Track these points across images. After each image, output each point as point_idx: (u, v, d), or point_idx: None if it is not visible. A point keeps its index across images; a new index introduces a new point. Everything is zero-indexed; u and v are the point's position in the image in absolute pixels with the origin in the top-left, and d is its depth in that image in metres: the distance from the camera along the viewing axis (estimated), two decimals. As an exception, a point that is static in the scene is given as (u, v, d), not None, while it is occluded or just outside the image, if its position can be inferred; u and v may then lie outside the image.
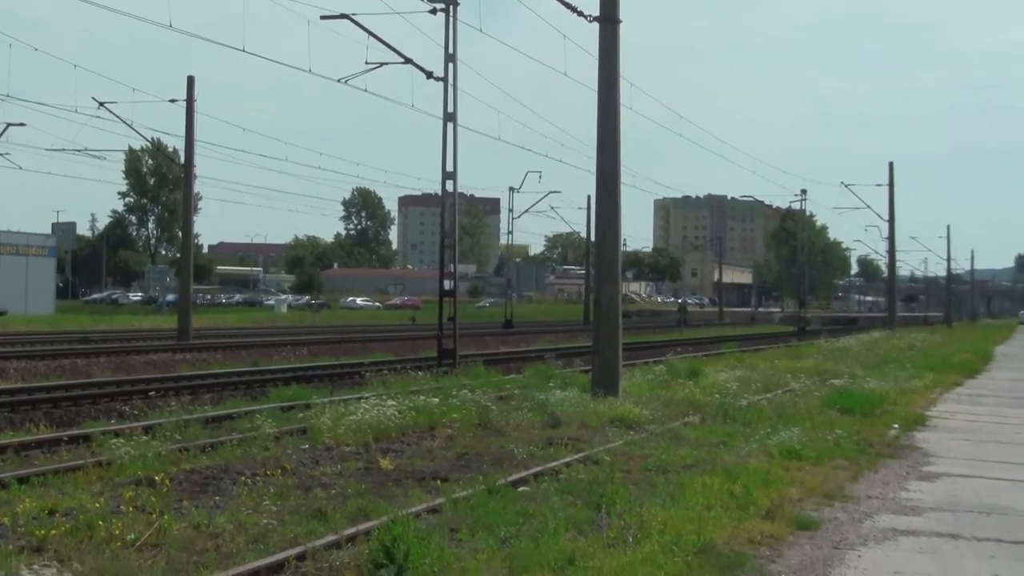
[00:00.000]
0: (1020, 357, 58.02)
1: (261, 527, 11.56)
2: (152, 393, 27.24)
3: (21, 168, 79.43)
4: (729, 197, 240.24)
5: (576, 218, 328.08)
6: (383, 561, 10.00)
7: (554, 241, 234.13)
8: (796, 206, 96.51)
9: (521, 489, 14.00)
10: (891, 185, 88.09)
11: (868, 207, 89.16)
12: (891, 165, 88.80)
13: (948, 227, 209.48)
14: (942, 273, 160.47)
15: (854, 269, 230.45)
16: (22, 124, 60.37)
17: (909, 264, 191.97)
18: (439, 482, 14.58)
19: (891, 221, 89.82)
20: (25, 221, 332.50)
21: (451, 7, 36.75)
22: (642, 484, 14.42)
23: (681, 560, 10.30)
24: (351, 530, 11.18)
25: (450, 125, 36.90)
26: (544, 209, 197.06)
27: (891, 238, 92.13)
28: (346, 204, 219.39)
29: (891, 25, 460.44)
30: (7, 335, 55.14)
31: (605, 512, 12.21)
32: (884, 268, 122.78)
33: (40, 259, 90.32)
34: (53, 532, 11.03)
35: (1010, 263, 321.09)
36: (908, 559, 11.49)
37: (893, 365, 39.04)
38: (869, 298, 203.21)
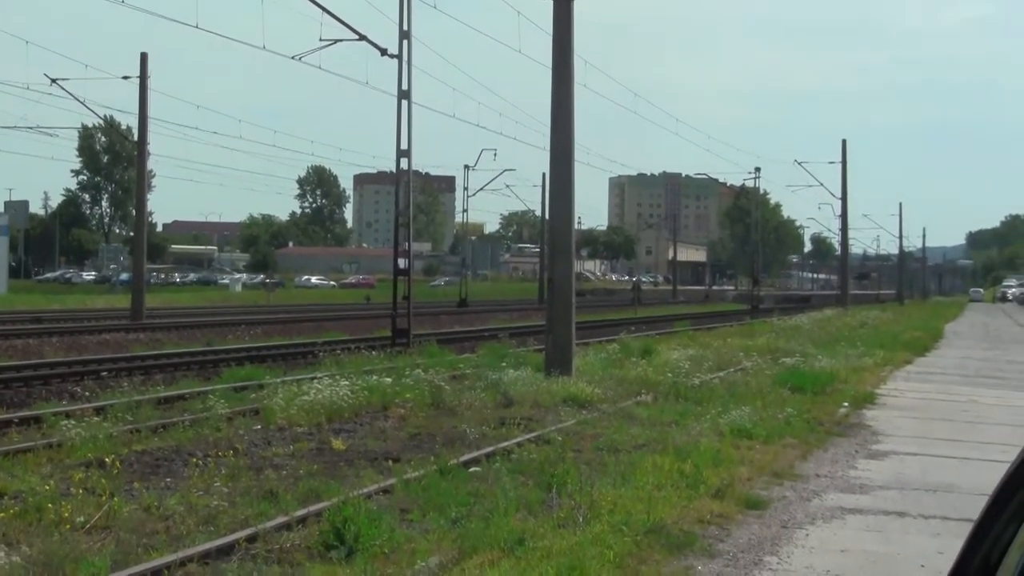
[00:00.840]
0: (969, 335, 58.52)
1: (212, 509, 11.56)
2: (104, 373, 27.11)
3: (-29, 146, 79.24)
4: (684, 175, 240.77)
5: (531, 196, 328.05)
6: (334, 543, 10.04)
7: (509, 219, 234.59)
8: (750, 184, 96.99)
9: (473, 469, 14.05)
10: (844, 163, 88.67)
11: (821, 185, 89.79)
12: (844, 143, 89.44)
13: (900, 205, 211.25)
14: (894, 251, 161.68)
15: (807, 247, 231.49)
16: (-28, 101, 59.72)
17: (862, 242, 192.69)
18: (391, 463, 14.64)
19: (843, 199, 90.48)
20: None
21: (405, -16, 36.64)
22: (593, 464, 14.50)
23: (631, 540, 10.37)
24: (302, 512, 11.20)
25: (404, 102, 36.85)
26: (499, 187, 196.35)
27: (843, 216, 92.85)
28: (301, 182, 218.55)
29: (838, 3, 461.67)
30: (-42, 315, 54.70)
31: (556, 492, 12.27)
32: (837, 246, 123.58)
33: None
34: (1, 515, 10.99)
35: (961, 240, 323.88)
36: (855, 537, 11.59)
37: (844, 343, 39.30)
38: (819, 276, 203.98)
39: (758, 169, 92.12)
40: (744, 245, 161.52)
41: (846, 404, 22.74)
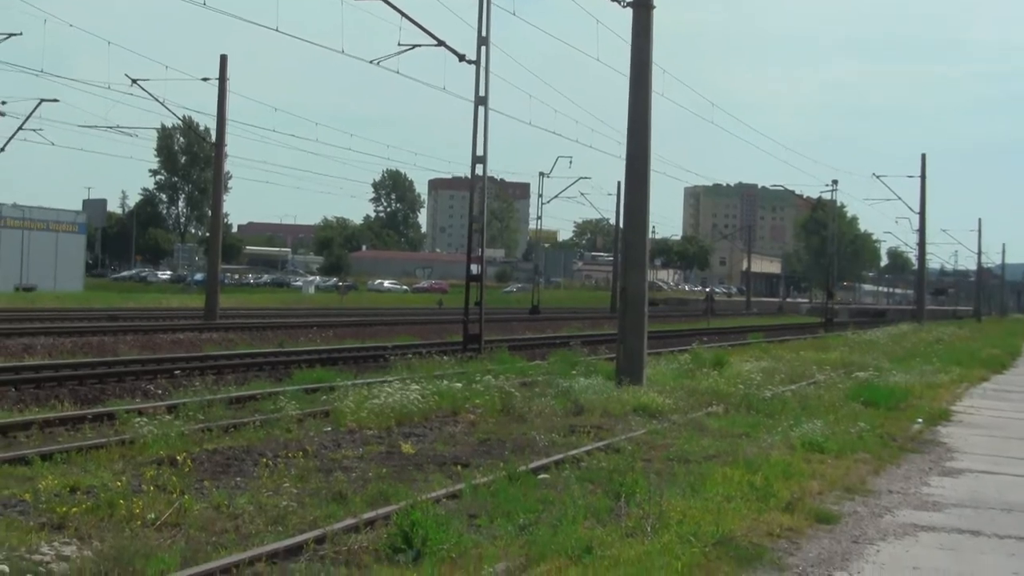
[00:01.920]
0: (1048, 353, 57.66)
1: (281, 509, 11.60)
2: (177, 372, 27.33)
3: (53, 144, 79.96)
4: (760, 186, 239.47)
5: (605, 204, 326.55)
6: (401, 546, 10.03)
7: (583, 227, 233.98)
8: (827, 196, 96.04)
9: (542, 476, 14.01)
10: (923, 177, 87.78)
11: (899, 199, 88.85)
12: (923, 157, 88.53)
13: (979, 220, 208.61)
14: (972, 267, 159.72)
15: (884, 261, 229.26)
16: (55, 100, 61.00)
17: (939, 257, 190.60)
18: (460, 467, 14.62)
19: (922, 213, 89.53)
20: (56, 197, 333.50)
21: (485, -10, 36.67)
22: (663, 474, 14.42)
23: (699, 551, 10.29)
24: (370, 514, 11.20)
25: (481, 108, 36.86)
26: (574, 195, 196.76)
27: (921, 230, 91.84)
28: (376, 186, 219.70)
29: (914, 17, 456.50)
30: (36, 311, 55.47)
31: (624, 501, 12.20)
32: (914, 260, 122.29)
33: (70, 235, 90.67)
34: (74, 510, 11.09)
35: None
36: (927, 555, 11.44)
37: (920, 359, 38.88)
38: (895, 290, 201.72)
39: (835, 181, 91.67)
40: (819, 258, 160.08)
41: (920, 420, 22.47)
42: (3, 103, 61.05)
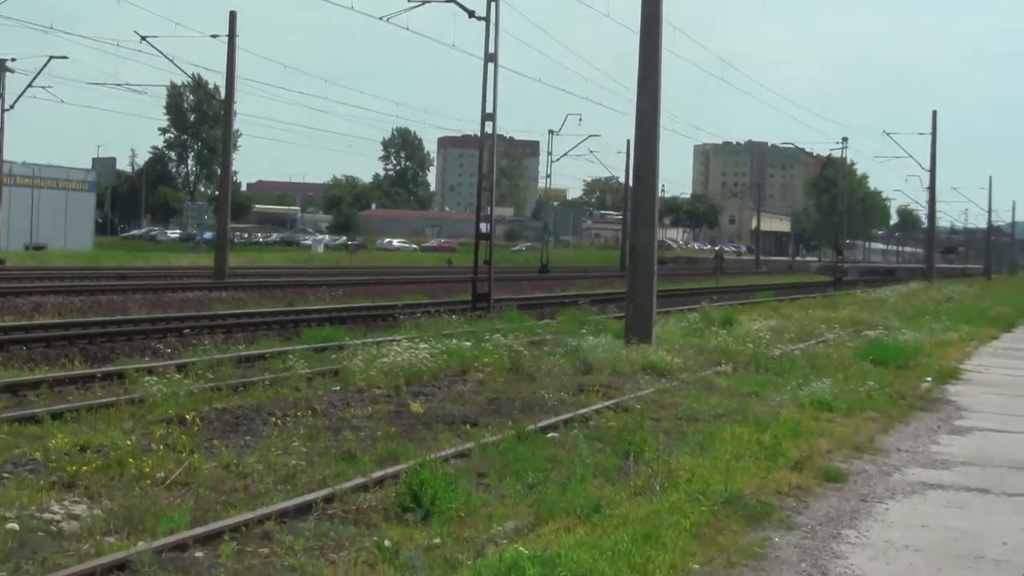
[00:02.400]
0: (1058, 311, 57.56)
1: (290, 468, 11.64)
2: (186, 331, 27.37)
3: (63, 102, 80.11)
4: (769, 144, 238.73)
5: (615, 162, 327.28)
6: (410, 505, 10.05)
7: (592, 185, 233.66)
8: (837, 154, 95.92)
9: (550, 435, 14.03)
10: (934, 134, 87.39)
11: (910, 156, 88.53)
12: (934, 114, 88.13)
13: (990, 178, 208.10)
14: (983, 225, 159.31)
15: (894, 219, 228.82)
16: (64, 57, 60.88)
17: (949, 215, 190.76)
18: (469, 427, 14.64)
19: (932, 171, 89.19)
20: (66, 155, 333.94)
21: (494, -54, 36.50)
22: (672, 432, 14.43)
23: (708, 509, 10.30)
24: (379, 473, 11.23)
25: (491, 66, 36.74)
26: (583, 153, 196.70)
27: (932, 188, 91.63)
28: (385, 144, 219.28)
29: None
30: (45, 269, 55.55)
31: (633, 460, 12.21)
32: (924, 219, 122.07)
33: (80, 194, 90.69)
34: (84, 468, 11.12)
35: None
36: (936, 513, 11.45)
37: (929, 317, 38.79)
38: (895, 247, 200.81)
39: (845, 139, 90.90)
40: (829, 216, 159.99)
41: (929, 379, 22.46)
42: (12, 60, 60.84)
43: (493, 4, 36.76)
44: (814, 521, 10.81)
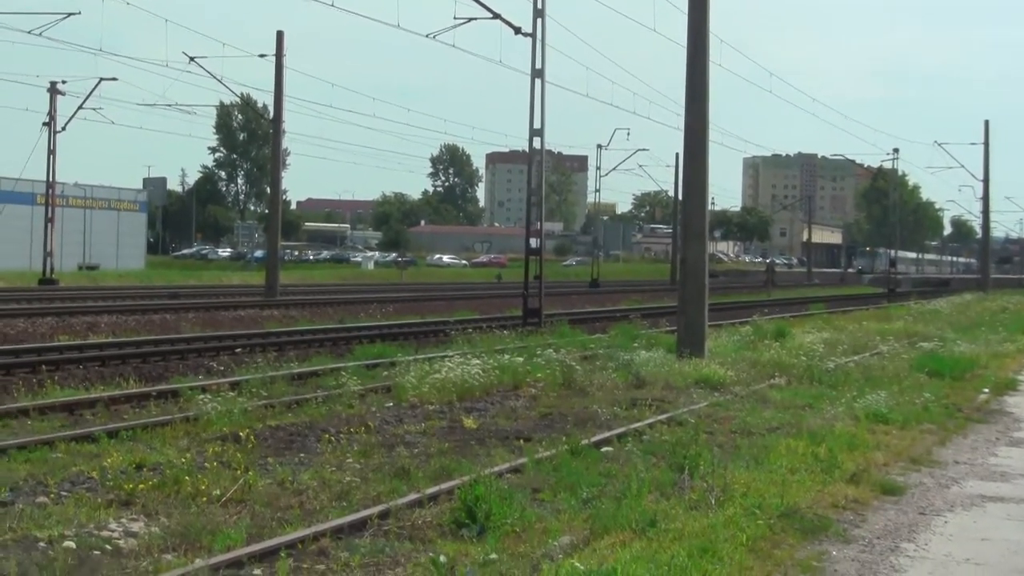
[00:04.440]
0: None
1: (344, 484, 11.65)
2: (239, 349, 27.47)
3: (113, 123, 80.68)
4: (820, 156, 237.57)
5: (664, 176, 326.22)
6: (465, 520, 10.04)
7: (641, 199, 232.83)
8: (888, 165, 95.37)
9: (604, 450, 13.99)
10: (986, 144, 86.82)
11: (962, 167, 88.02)
12: (986, 124, 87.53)
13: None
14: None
15: (947, 230, 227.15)
16: (114, 79, 60.86)
17: (1004, 225, 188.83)
18: (522, 442, 14.61)
19: (985, 181, 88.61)
20: (117, 176, 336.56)
21: (540, -37, 36.56)
22: (726, 446, 14.36)
23: (764, 523, 10.24)
24: (433, 489, 11.23)
25: (538, 81, 36.80)
26: (632, 167, 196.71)
27: (985, 198, 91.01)
28: (434, 161, 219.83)
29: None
30: (99, 289, 56.06)
31: (688, 474, 12.15)
32: (978, 229, 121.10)
33: (131, 214, 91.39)
34: (141, 486, 11.19)
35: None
36: (996, 526, 11.34)
37: (985, 328, 38.49)
38: (949, 257, 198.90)
39: (896, 150, 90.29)
40: (881, 227, 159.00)
41: (986, 390, 22.25)
42: (63, 82, 61.35)
43: (539, 20, 36.83)
44: (872, 535, 10.72)
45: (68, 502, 10.74)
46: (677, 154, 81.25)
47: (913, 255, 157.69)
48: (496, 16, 38.39)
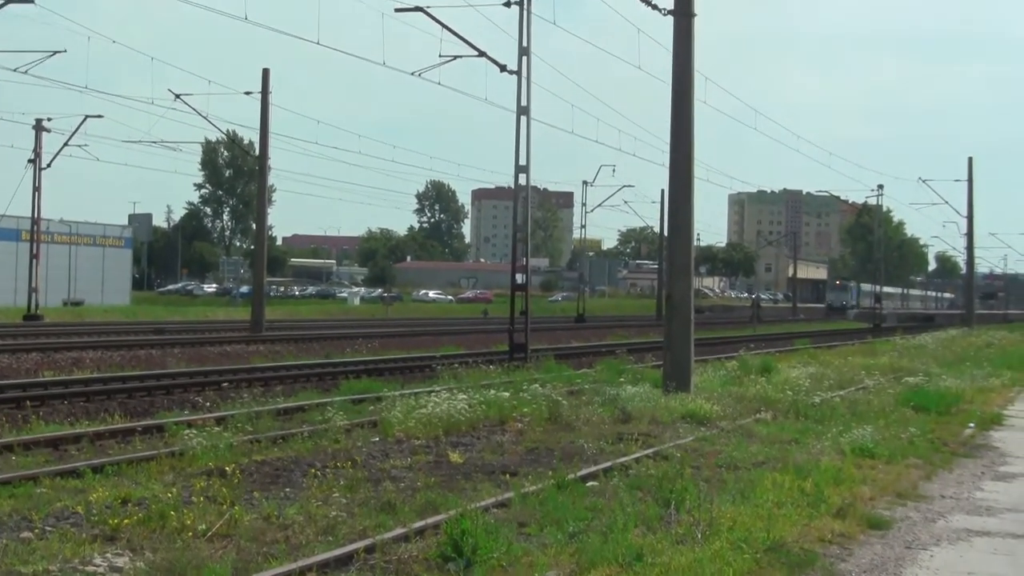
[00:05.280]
0: (1100, 356, 57.02)
1: (331, 519, 11.63)
2: (225, 384, 27.46)
3: (98, 160, 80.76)
4: (804, 192, 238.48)
5: (649, 212, 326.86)
6: (451, 555, 10.01)
7: (627, 235, 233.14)
8: (873, 201, 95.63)
9: (590, 484, 13.98)
10: (970, 181, 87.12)
11: (946, 203, 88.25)
12: (970, 161, 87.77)
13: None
14: (1023, 269, 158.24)
15: (932, 265, 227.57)
16: (100, 116, 60.95)
17: (988, 261, 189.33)
18: (508, 476, 14.59)
19: (970, 218, 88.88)
20: (102, 212, 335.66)
21: (525, 0, 36.73)
22: (712, 481, 14.35)
23: (750, 557, 10.23)
24: (420, 523, 11.21)
25: (523, 118, 36.90)
26: (617, 203, 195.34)
27: (969, 234, 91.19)
28: (419, 197, 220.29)
29: (961, 14, 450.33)
30: (84, 325, 55.92)
31: (674, 508, 12.14)
32: (963, 265, 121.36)
33: (117, 250, 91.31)
34: (126, 521, 11.16)
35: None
36: (982, 560, 11.34)
37: (970, 363, 38.55)
38: (933, 293, 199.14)
39: (881, 186, 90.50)
40: (866, 263, 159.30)
41: (972, 425, 22.29)
42: (48, 119, 61.38)
43: (524, 58, 36.96)
44: (858, 569, 10.73)
45: (53, 537, 10.69)
46: (663, 190, 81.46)
47: (898, 290, 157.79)
48: (482, 54, 38.58)
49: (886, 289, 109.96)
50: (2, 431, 18.82)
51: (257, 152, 56.73)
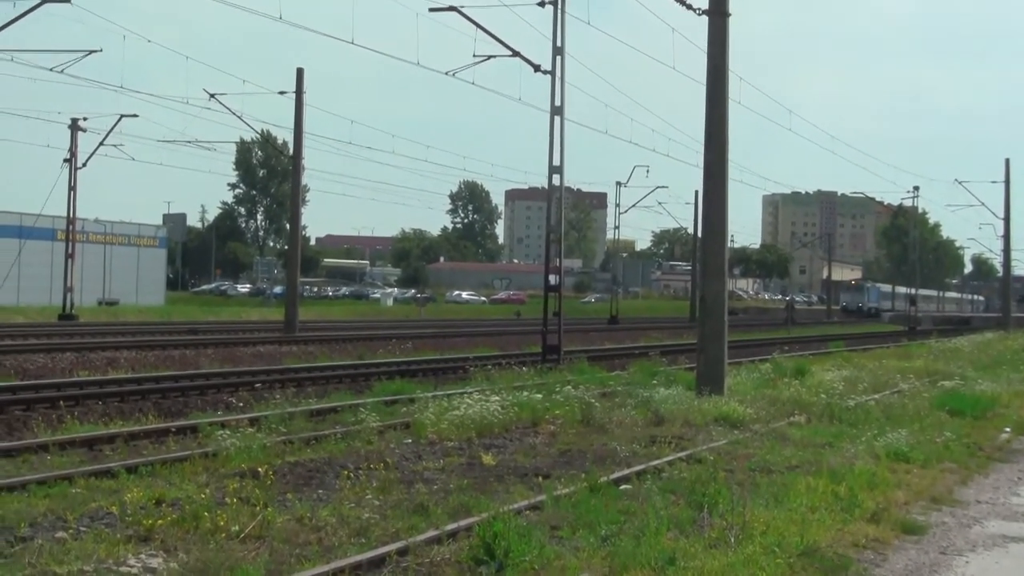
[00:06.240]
0: None
1: (363, 521, 11.64)
2: (258, 385, 27.54)
3: (134, 159, 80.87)
4: (839, 193, 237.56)
5: (683, 213, 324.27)
6: (483, 558, 10.01)
7: (661, 236, 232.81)
8: (908, 203, 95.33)
9: (623, 487, 13.94)
10: (1007, 182, 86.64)
11: (983, 204, 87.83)
12: (1007, 162, 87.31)
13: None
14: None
15: (968, 268, 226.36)
16: (135, 115, 61.22)
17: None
18: (541, 479, 14.57)
19: (1006, 219, 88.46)
20: (137, 212, 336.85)
21: (559, 0, 36.71)
22: (745, 484, 14.28)
23: (783, 562, 10.20)
24: (452, 526, 11.22)
25: (557, 119, 36.86)
26: (651, 204, 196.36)
27: (1006, 236, 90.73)
28: (453, 197, 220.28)
29: (998, 14, 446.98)
30: (118, 325, 56.18)
31: (707, 512, 12.11)
32: (999, 267, 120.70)
33: (151, 250, 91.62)
34: (160, 522, 11.19)
35: None
36: (1018, 566, 11.27)
37: (1007, 367, 38.28)
38: (969, 296, 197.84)
39: (916, 188, 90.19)
40: (901, 265, 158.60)
41: (1008, 429, 22.13)
42: (84, 119, 61.69)
43: (558, 58, 36.93)
44: (892, 574, 10.69)
45: (87, 537, 10.73)
46: (696, 191, 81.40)
47: (933, 293, 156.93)
48: (516, 54, 38.57)
49: (921, 291, 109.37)
50: (38, 431, 18.91)
51: (291, 152, 56.85)
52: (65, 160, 61.35)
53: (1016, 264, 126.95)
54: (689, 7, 26.32)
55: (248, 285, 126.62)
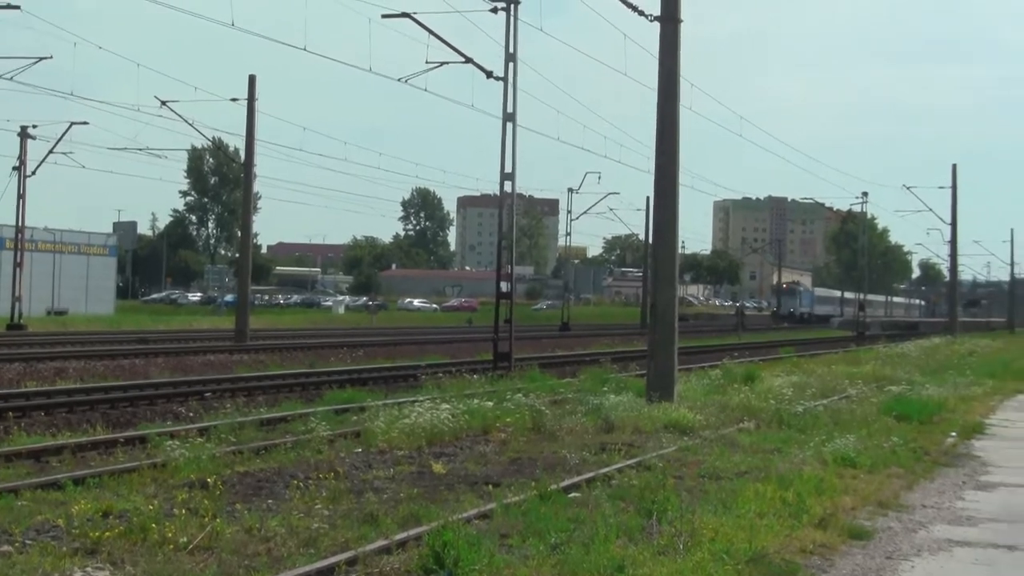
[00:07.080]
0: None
1: (312, 531, 11.61)
2: (208, 394, 27.41)
3: (84, 167, 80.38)
4: (789, 199, 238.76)
5: (634, 220, 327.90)
6: (433, 567, 10.01)
7: (612, 243, 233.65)
8: (857, 208, 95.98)
9: (573, 495, 13.97)
10: (954, 188, 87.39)
11: (930, 210, 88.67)
12: (954, 168, 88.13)
13: (1012, 231, 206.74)
14: (1006, 277, 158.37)
15: (915, 273, 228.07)
16: (85, 123, 60.96)
17: (972, 268, 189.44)
18: (491, 487, 14.59)
19: (953, 225, 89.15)
20: (87, 220, 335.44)
21: (512, 6, 36.84)
22: (695, 491, 14.36)
23: (732, 569, 10.25)
24: (402, 535, 11.21)
25: (509, 125, 36.93)
26: (603, 211, 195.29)
27: (953, 242, 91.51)
28: (405, 204, 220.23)
29: (948, 17, 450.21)
30: (67, 334, 55.79)
31: (656, 519, 12.16)
32: (946, 272, 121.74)
33: (101, 258, 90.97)
34: (107, 534, 11.12)
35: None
36: (963, 570, 11.37)
37: (953, 371, 38.61)
38: (917, 301, 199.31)
39: (865, 194, 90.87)
40: (850, 271, 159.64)
41: (954, 434, 22.33)
42: (33, 127, 61.29)
43: (511, 65, 37.01)
44: (840, 579, 10.74)
45: (33, 551, 10.64)
46: (648, 197, 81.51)
47: (881, 298, 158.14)
48: (468, 60, 38.63)
49: (869, 296, 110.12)
50: (-16, 442, 18.75)
51: (243, 159, 56.62)
52: (14, 168, 61.00)
53: (963, 269, 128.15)
54: (641, 13, 26.41)
55: (199, 294, 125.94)
